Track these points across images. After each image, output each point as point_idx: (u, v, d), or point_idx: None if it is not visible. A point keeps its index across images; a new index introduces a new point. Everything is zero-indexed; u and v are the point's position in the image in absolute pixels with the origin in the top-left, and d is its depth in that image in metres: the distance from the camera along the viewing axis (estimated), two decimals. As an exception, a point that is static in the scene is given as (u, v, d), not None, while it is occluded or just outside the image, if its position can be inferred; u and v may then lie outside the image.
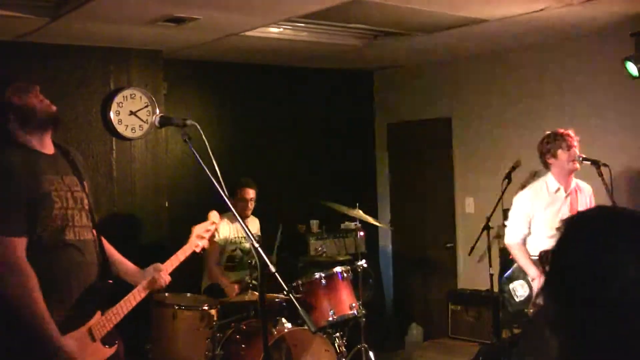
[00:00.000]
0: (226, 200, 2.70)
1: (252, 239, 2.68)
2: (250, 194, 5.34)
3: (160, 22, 4.56)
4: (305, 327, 4.17)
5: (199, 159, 2.71)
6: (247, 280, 4.61)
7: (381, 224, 6.15)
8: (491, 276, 5.06)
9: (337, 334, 4.62)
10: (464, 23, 5.01)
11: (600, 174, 4.50)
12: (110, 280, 2.94)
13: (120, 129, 5.34)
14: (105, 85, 5.36)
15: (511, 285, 4.46)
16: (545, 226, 4.39)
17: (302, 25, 5.10)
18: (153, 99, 5.46)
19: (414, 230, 7.16)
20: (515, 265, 4.52)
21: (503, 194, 4.95)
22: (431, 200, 7.03)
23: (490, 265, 5.05)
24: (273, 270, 2.63)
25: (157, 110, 5.45)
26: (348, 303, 4.52)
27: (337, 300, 4.49)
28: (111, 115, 5.30)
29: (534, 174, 4.79)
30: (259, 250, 2.67)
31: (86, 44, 5.23)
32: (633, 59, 5.09)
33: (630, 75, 5.13)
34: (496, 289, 5.26)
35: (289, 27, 5.15)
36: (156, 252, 3.32)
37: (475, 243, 5.10)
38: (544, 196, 4.47)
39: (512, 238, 4.50)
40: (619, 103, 5.53)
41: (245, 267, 5.03)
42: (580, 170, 4.64)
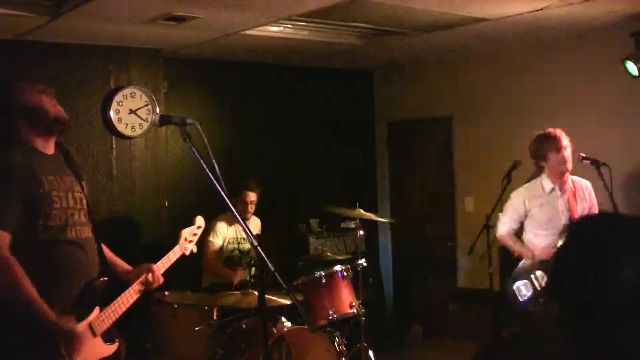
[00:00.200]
0: (226, 200, 2.70)
1: (252, 239, 2.68)
2: (251, 196, 5.33)
3: (161, 20, 4.56)
4: (305, 326, 4.17)
5: (199, 158, 2.71)
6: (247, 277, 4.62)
7: (382, 219, 6.17)
8: (491, 275, 5.06)
9: (337, 332, 4.61)
10: (464, 22, 5.01)
11: (600, 174, 4.51)
12: (106, 277, 2.96)
13: (120, 127, 5.34)
14: (105, 83, 5.36)
15: (515, 285, 4.46)
16: (541, 224, 4.45)
17: (303, 24, 5.10)
18: (153, 97, 5.46)
19: (414, 229, 7.16)
20: (519, 265, 4.52)
21: (503, 193, 4.95)
22: (431, 200, 7.03)
23: (490, 265, 5.05)
24: (272, 270, 2.64)
25: (157, 109, 5.45)
26: (348, 302, 4.52)
27: (337, 299, 4.49)
28: (111, 114, 5.30)
29: (534, 173, 4.79)
30: (259, 250, 2.67)
31: (86, 43, 5.23)
32: (633, 58, 5.09)
33: (630, 74, 5.14)
34: (496, 288, 5.27)
35: (289, 26, 5.15)
36: (156, 251, 3.32)
37: (475, 242, 5.10)
38: (539, 195, 4.49)
39: (501, 230, 4.68)
40: (619, 102, 5.53)
41: (245, 267, 5.03)
42: (580, 170, 4.64)
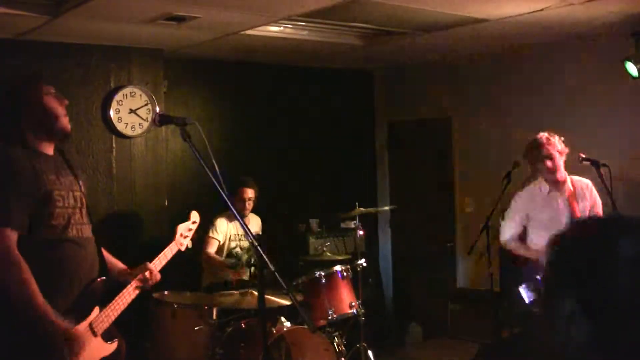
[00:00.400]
0: (225, 198, 2.70)
1: (252, 238, 2.68)
2: (249, 193, 5.33)
3: (161, 20, 4.56)
4: (305, 326, 4.17)
5: (199, 157, 2.71)
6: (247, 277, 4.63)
7: (384, 208, 6.16)
8: (491, 276, 5.06)
9: (337, 333, 4.62)
10: (464, 23, 5.00)
11: (599, 175, 4.51)
12: (104, 277, 2.96)
13: (120, 127, 5.34)
14: (105, 83, 5.36)
15: (521, 287, 4.46)
16: (543, 225, 4.43)
17: (303, 24, 5.10)
18: (153, 97, 5.46)
19: (414, 230, 7.16)
20: (527, 266, 4.52)
21: (503, 193, 4.95)
22: (431, 200, 7.03)
23: (489, 265, 5.05)
24: (272, 269, 2.64)
25: (157, 109, 5.45)
26: (348, 302, 4.52)
27: (337, 299, 4.49)
28: (111, 114, 5.30)
29: (532, 174, 4.79)
30: (258, 249, 2.67)
31: (86, 42, 5.23)
32: (633, 59, 5.09)
33: (631, 75, 5.14)
34: (496, 288, 5.26)
35: (289, 26, 5.15)
36: (156, 250, 3.32)
37: (475, 242, 5.10)
38: (539, 198, 4.50)
39: (504, 236, 4.63)
40: (619, 103, 5.53)
41: (245, 264, 5.03)
42: (580, 170, 4.64)
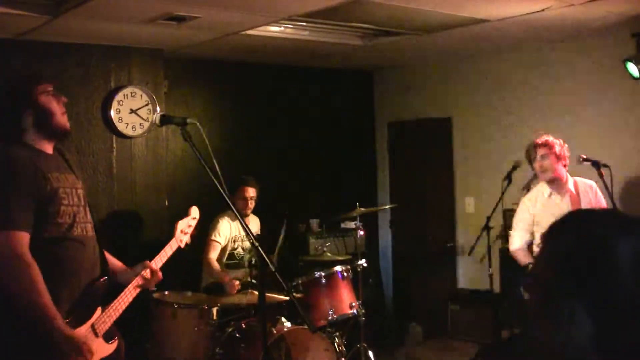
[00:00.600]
0: (226, 198, 2.70)
1: (252, 238, 2.68)
2: (250, 192, 5.32)
3: (161, 20, 4.56)
4: (305, 326, 4.17)
5: (200, 157, 2.71)
6: (247, 279, 4.62)
7: (385, 207, 6.14)
8: (491, 276, 5.06)
9: (337, 333, 4.62)
10: (464, 23, 5.00)
11: (600, 175, 4.52)
12: (106, 277, 2.96)
13: (120, 127, 5.34)
14: (106, 83, 5.36)
15: (522, 287, 4.46)
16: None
17: (303, 24, 5.10)
18: (154, 97, 5.46)
19: (414, 230, 7.16)
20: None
21: (503, 194, 4.96)
22: (431, 200, 7.02)
23: (490, 266, 5.05)
24: (273, 269, 2.64)
25: (158, 109, 5.45)
26: (348, 302, 4.52)
27: (337, 300, 4.49)
28: (112, 114, 5.30)
29: (534, 175, 4.79)
30: (259, 249, 2.67)
31: (87, 42, 5.23)
32: (634, 59, 5.09)
33: (631, 75, 5.14)
34: (496, 288, 5.27)
35: (290, 26, 5.15)
36: (156, 250, 3.31)
37: (475, 243, 5.10)
38: (542, 202, 4.50)
39: (514, 245, 4.60)
40: (619, 104, 5.53)
41: (247, 264, 5.03)
42: (581, 171, 4.65)
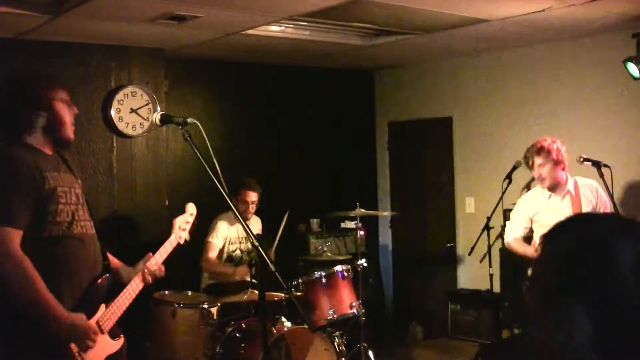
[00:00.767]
0: (227, 198, 2.70)
1: (252, 238, 2.68)
2: (252, 196, 5.28)
3: (162, 20, 4.56)
4: (305, 326, 4.17)
5: (200, 157, 2.71)
6: (247, 278, 4.62)
7: (384, 213, 6.15)
8: (491, 276, 5.06)
9: (337, 333, 4.61)
10: (464, 23, 5.00)
11: (601, 175, 4.51)
12: (107, 274, 2.97)
13: (121, 126, 5.34)
14: (106, 82, 5.36)
15: (523, 287, 4.46)
16: (546, 229, 4.42)
17: (303, 24, 5.10)
18: (154, 96, 5.46)
19: (415, 230, 7.16)
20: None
21: (503, 194, 4.96)
22: (431, 200, 7.03)
23: (490, 266, 5.05)
24: (273, 270, 2.64)
25: (158, 108, 5.44)
26: (348, 302, 4.52)
27: (337, 299, 4.49)
28: (112, 113, 5.30)
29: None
30: (259, 249, 2.67)
31: (87, 42, 5.22)
32: (634, 59, 5.08)
33: (632, 76, 5.13)
34: (496, 288, 5.26)
35: (290, 26, 5.15)
36: (156, 250, 3.31)
37: (476, 243, 5.10)
38: (541, 201, 4.51)
39: (508, 237, 4.69)
40: (620, 104, 5.53)
41: (247, 265, 5.02)
42: (581, 171, 4.65)
